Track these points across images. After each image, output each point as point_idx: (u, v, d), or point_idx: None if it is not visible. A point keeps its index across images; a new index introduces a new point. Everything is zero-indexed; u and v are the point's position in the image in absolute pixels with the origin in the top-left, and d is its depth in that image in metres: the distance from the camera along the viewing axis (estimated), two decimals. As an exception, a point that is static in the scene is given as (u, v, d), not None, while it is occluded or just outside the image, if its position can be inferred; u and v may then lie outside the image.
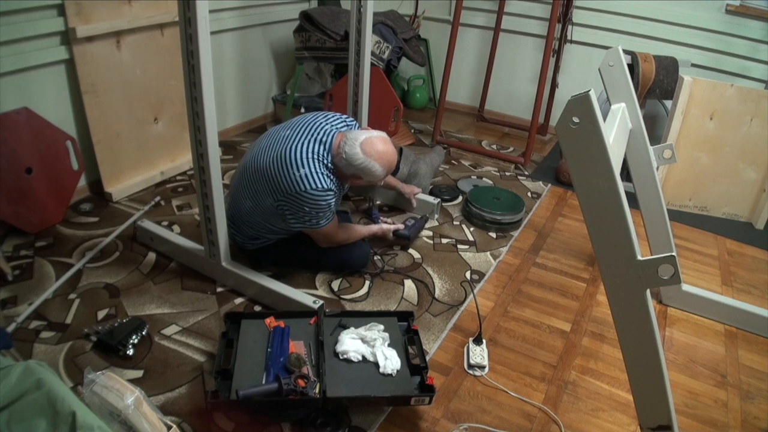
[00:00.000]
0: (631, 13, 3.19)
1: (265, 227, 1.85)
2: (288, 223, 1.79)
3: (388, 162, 1.76)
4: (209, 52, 1.48)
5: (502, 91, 3.74)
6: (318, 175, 1.69)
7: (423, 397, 1.38)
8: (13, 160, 1.96)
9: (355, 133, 1.76)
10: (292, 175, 1.67)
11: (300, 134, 1.75)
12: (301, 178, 1.67)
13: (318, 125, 1.78)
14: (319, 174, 1.69)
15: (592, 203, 1.02)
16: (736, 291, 2.15)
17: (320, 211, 1.73)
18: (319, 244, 1.91)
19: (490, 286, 2.04)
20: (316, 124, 1.78)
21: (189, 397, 1.44)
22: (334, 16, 2.94)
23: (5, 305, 1.70)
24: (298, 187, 1.67)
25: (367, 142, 1.72)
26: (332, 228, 1.85)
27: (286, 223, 1.79)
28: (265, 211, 1.79)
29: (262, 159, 1.74)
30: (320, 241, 1.90)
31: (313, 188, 1.67)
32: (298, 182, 1.67)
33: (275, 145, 1.75)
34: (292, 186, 1.68)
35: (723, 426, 1.52)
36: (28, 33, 1.96)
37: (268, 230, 1.87)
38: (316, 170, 1.69)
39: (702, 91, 2.51)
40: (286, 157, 1.69)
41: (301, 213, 1.72)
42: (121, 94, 2.30)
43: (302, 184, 1.67)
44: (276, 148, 1.73)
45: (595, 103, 0.95)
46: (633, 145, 1.70)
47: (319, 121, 1.80)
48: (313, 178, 1.68)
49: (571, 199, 2.77)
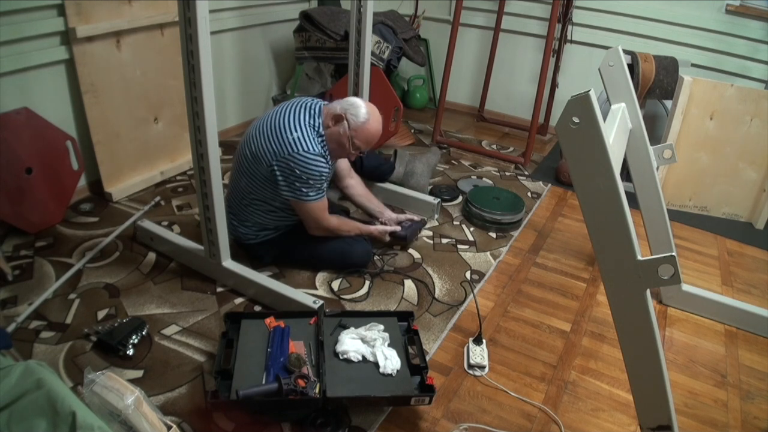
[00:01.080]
0: (631, 13, 3.19)
1: (262, 207, 1.87)
2: (280, 190, 1.80)
3: (366, 103, 1.86)
4: (209, 52, 1.48)
5: (502, 91, 3.74)
6: (310, 139, 1.76)
7: (423, 397, 1.38)
8: (13, 160, 1.96)
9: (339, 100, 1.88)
10: (286, 138, 1.75)
11: (291, 107, 1.85)
12: (295, 141, 1.74)
13: (303, 99, 1.90)
14: (310, 138, 1.77)
15: (592, 203, 1.02)
16: (736, 291, 2.15)
17: (310, 178, 1.76)
18: (310, 229, 1.92)
19: (490, 286, 2.04)
20: (301, 100, 1.89)
21: (189, 397, 1.44)
22: (334, 16, 2.94)
23: (5, 305, 1.70)
24: (291, 149, 1.74)
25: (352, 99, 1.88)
26: (320, 207, 1.86)
27: (279, 190, 1.80)
28: (260, 184, 1.82)
29: (256, 133, 1.82)
30: (310, 225, 1.91)
31: (304, 150, 1.74)
32: (291, 144, 1.74)
33: (267, 119, 1.84)
34: (285, 147, 1.74)
35: (723, 426, 1.52)
36: (28, 33, 1.96)
37: (266, 212, 1.88)
38: (308, 135, 1.77)
39: (702, 91, 2.51)
40: (278, 124, 1.79)
41: (292, 177, 1.76)
42: (121, 94, 2.30)
43: (295, 145, 1.74)
44: (268, 121, 1.82)
45: (595, 103, 0.95)
46: (633, 145, 1.70)
47: (306, 99, 1.90)
48: (305, 141, 1.75)
49: (571, 199, 2.77)
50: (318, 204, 1.84)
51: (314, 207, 1.84)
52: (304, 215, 1.88)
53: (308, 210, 1.85)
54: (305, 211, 1.86)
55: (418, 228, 2.26)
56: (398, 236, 2.15)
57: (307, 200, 1.81)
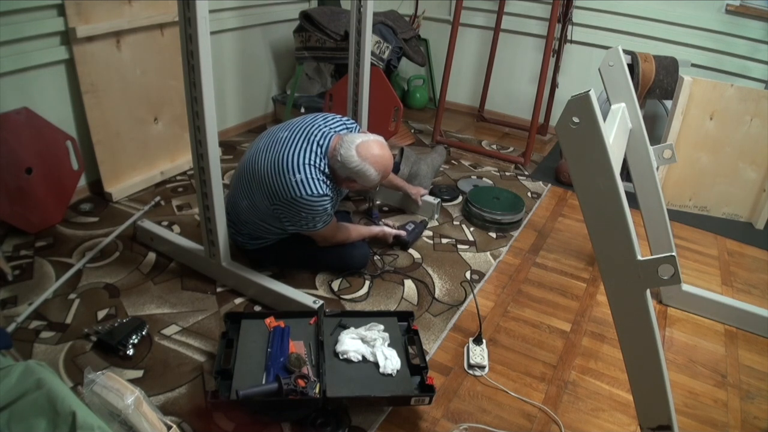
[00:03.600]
0: (631, 13, 3.19)
1: (263, 227, 1.85)
2: (284, 226, 1.80)
3: (383, 167, 1.75)
4: (209, 52, 1.48)
5: (502, 91, 3.74)
6: (313, 181, 1.68)
7: (423, 397, 1.38)
8: (13, 160, 1.96)
9: (352, 136, 1.75)
10: (288, 181, 1.68)
11: (297, 137, 1.74)
12: (296, 184, 1.67)
13: (316, 127, 1.78)
14: (313, 180, 1.69)
15: (592, 203, 1.02)
16: (736, 291, 2.15)
17: (316, 216, 1.74)
18: (318, 244, 1.92)
19: (490, 286, 2.04)
20: (314, 127, 1.78)
21: (189, 397, 1.44)
22: (334, 16, 2.94)
23: (5, 305, 1.70)
24: (294, 193, 1.67)
25: (363, 146, 1.71)
26: (330, 230, 1.86)
27: (283, 225, 1.80)
28: (261, 212, 1.79)
29: (259, 161, 1.74)
30: (318, 242, 1.91)
31: (308, 194, 1.67)
32: (293, 188, 1.67)
33: (272, 147, 1.75)
34: (287, 191, 1.68)
35: (723, 426, 1.52)
36: (28, 33, 1.96)
37: (266, 230, 1.87)
38: (311, 176, 1.68)
39: (702, 91, 2.51)
40: (282, 162, 1.69)
41: (297, 218, 1.73)
42: (121, 94, 2.30)
43: (297, 189, 1.67)
44: (273, 151, 1.73)
45: (595, 103, 0.95)
46: (633, 145, 1.70)
47: (318, 123, 1.79)
48: (307, 184, 1.68)
49: (571, 199, 2.77)
50: (327, 229, 1.83)
51: (323, 233, 1.84)
52: (313, 237, 1.89)
53: (318, 235, 1.86)
54: (315, 236, 1.87)
55: (421, 231, 2.28)
56: (401, 240, 2.16)
57: (316, 230, 1.81)
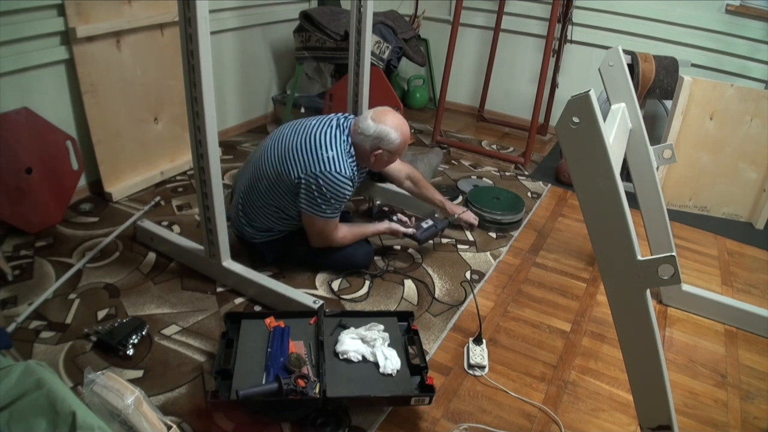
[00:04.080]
0: (631, 13, 3.19)
1: (275, 214, 1.87)
2: (299, 201, 1.81)
3: (399, 126, 1.84)
4: (209, 52, 1.48)
5: (502, 91, 3.74)
6: (343, 160, 1.78)
7: (423, 397, 1.38)
8: (13, 160, 1.96)
9: (365, 112, 1.88)
10: (321, 155, 1.76)
11: (323, 122, 1.86)
12: (329, 159, 1.76)
13: (331, 117, 1.90)
14: (344, 159, 1.78)
15: (592, 203, 1.02)
16: (736, 291, 2.15)
17: (333, 197, 1.78)
18: (312, 241, 1.91)
19: (490, 286, 2.04)
20: (329, 117, 1.90)
21: (189, 397, 1.44)
22: (334, 16, 2.94)
23: (5, 305, 1.70)
24: (325, 166, 1.75)
25: (376, 113, 1.84)
26: (332, 225, 1.87)
27: (297, 202, 1.81)
28: (281, 191, 1.82)
29: (288, 140, 1.83)
30: (313, 239, 1.90)
31: (337, 171, 1.76)
32: (326, 161, 1.76)
33: (300, 131, 1.85)
34: (319, 164, 1.76)
35: (723, 426, 1.52)
36: (28, 33, 1.96)
37: (277, 217, 1.88)
38: (343, 156, 1.79)
39: (702, 91, 2.51)
40: (315, 140, 1.79)
41: (316, 193, 1.77)
42: (121, 94, 2.30)
43: (329, 164, 1.76)
44: (302, 133, 1.83)
45: (595, 103, 0.95)
46: (633, 145, 1.70)
47: (331, 116, 1.91)
48: (338, 161, 1.77)
49: (571, 199, 2.77)
50: (331, 222, 1.85)
51: (327, 224, 1.85)
52: (311, 228, 1.88)
53: (320, 225, 1.85)
54: (316, 226, 1.86)
55: (439, 231, 2.15)
56: (412, 238, 2.08)
57: (323, 217, 1.82)
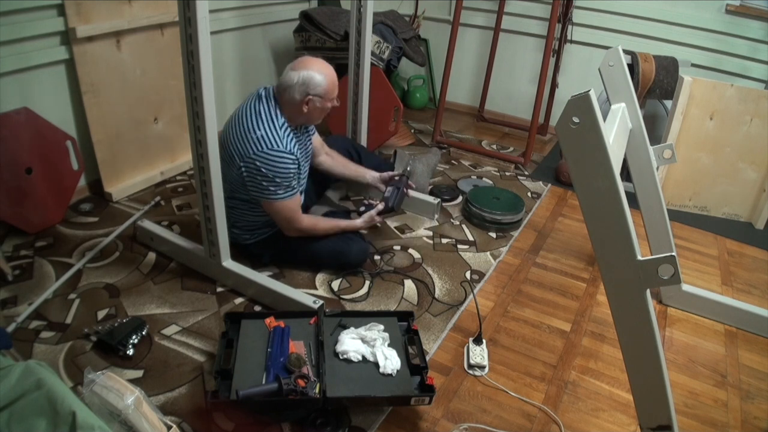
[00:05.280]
0: (631, 13, 3.19)
1: (247, 206, 1.87)
2: (248, 191, 1.80)
3: (322, 70, 1.78)
4: (209, 52, 1.48)
5: (502, 91, 3.74)
6: (273, 135, 1.75)
7: (423, 397, 1.38)
8: (13, 160, 1.96)
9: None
10: (250, 138, 1.74)
11: (245, 104, 1.83)
12: (259, 139, 1.74)
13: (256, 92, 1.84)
14: (274, 134, 1.75)
15: (592, 203, 1.02)
16: (736, 291, 2.15)
17: (277, 176, 1.74)
18: (284, 231, 1.89)
19: (490, 286, 2.04)
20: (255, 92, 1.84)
21: (189, 397, 1.44)
22: (334, 16, 2.94)
23: (5, 305, 1.70)
24: (256, 147, 1.73)
25: (295, 63, 1.80)
26: (291, 206, 1.82)
27: (247, 191, 1.80)
28: (237, 186, 1.81)
29: (228, 136, 1.82)
30: (283, 226, 1.88)
31: (269, 147, 1.73)
32: (255, 143, 1.74)
33: (234, 120, 1.82)
34: (250, 147, 1.74)
35: (723, 426, 1.52)
36: (28, 33, 1.96)
37: (250, 208, 1.87)
38: (271, 130, 1.75)
39: (702, 91, 2.51)
40: (243, 123, 1.77)
41: (259, 177, 1.75)
42: (121, 94, 2.30)
43: (259, 144, 1.73)
44: (235, 121, 1.81)
45: (595, 103, 0.95)
46: (633, 145, 1.70)
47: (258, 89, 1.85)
48: (268, 138, 1.74)
49: (571, 199, 2.77)
50: (287, 203, 1.80)
51: (283, 206, 1.81)
52: (274, 215, 1.85)
53: (278, 210, 1.82)
54: (275, 211, 1.83)
55: (403, 187, 2.14)
56: (386, 210, 2.06)
57: (276, 199, 1.78)
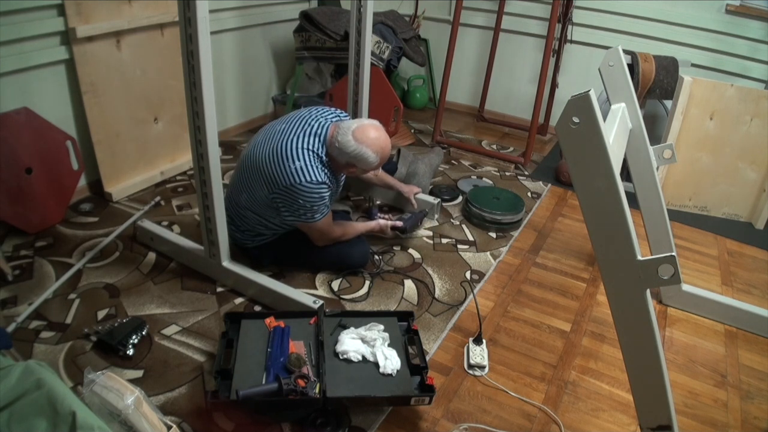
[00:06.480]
0: (631, 13, 3.19)
1: (261, 222, 1.86)
2: (282, 217, 1.80)
3: (380, 148, 1.77)
4: (209, 52, 1.48)
5: (502, 91, 3.74)
6: (312, 168, 1.72)
7: (423, 397, 1.38)
8: (13, 160, 1.96)
9: (348, 122, 1.79)
10: (287, 168, 1.70)
11: (295, 127, 1.79)
12: (296, 171, 1.70)
13: (313, 118, 1.82)
14: (313, 167, 1.72)
15: (592, 203, 1.02)
16: (736, 291, 2.15)
17: (314, 205, 1.75)
18: (315, 242, 1.91)
19: (490, 286, 2.04)
20: (310, 118, 1.82)
21: (189, 397, 1.44)
22: (334, 16, 2.94)
23: (5, 305, 1.70)
24: (293, 179, 1.70)
25: (359, 130, 1.74)
26: (326, 223, 1.85)
27: (281, 216, 1.80)
28: (260, 204, 1.80)
29: (258, 153, 1.77)
30: (316, 239, 1.90)
31: (307, 180, 1.70)
32: (292, 174, 1.70)
33: (271, 138, 1.78)
34: (286, 178, 1.70)
35: (723, 426, 1.52)
36: (28, 33, 1.96)
37: (264, 225, 1.87)
38: (310, 163, 1.72)
39: (702, 91, 2.51)
40: (281, 150, 1.73)
41: (295, 206, 1.74)
42: (121, 94, 2.30)
43: (297, 176, 1.70)
44: (271, 142, 1.77)
45: (595, 103, 0.95)
46: (633, 145, 1.70)
47: (314, 114, 1.84)
48: (307, 171, 1.70)
49: (571, 199, 2.77)
50: (324, 222, 1.83)
51: (320, 225, 1.83)
52: (310, 233, 1.88)
53: (314, 229, 1.85)
54: (310, 230, 1.86)
55: (419, 219, 2.25)
56: (399, 228, 2.13)
57: (312, 221, 1.80)
